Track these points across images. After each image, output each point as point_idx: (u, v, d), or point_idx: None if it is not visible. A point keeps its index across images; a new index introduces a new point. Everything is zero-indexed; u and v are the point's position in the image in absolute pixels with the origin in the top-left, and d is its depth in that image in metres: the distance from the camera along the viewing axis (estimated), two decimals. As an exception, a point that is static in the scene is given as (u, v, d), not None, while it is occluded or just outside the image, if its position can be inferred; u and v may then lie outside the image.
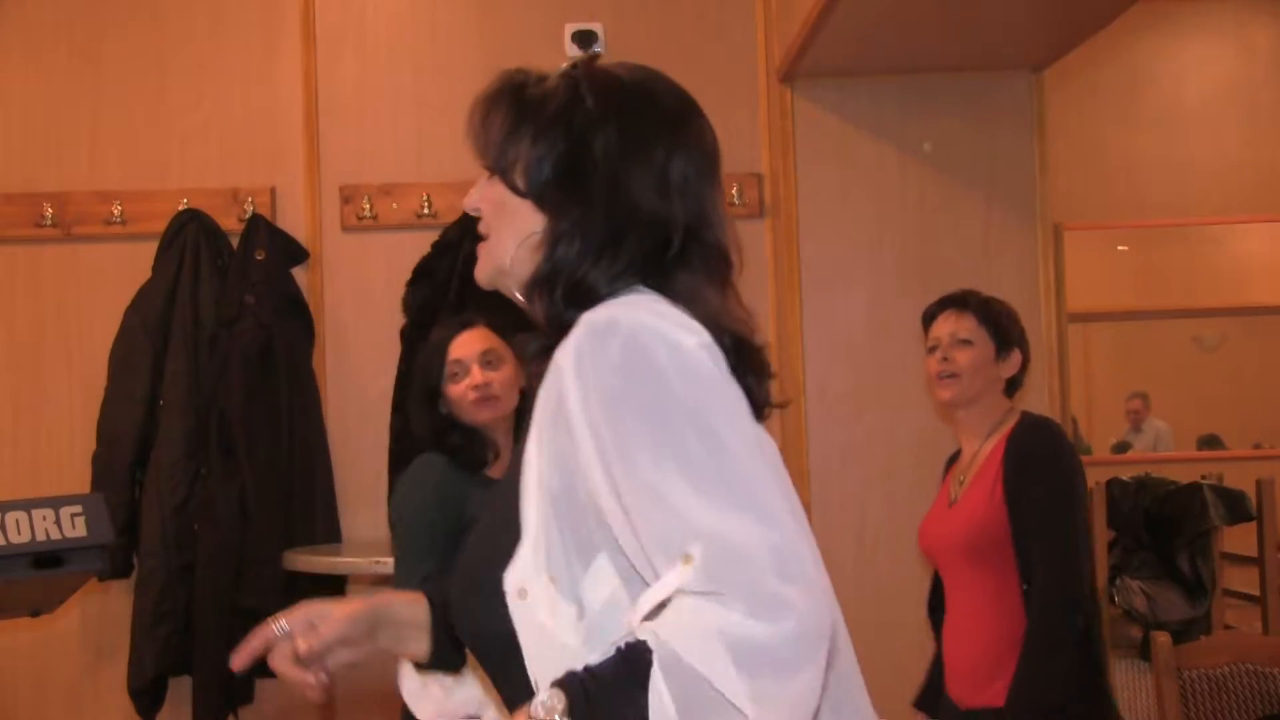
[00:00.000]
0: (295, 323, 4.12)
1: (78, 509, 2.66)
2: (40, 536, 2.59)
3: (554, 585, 1.31)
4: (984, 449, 2.80)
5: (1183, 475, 4.97)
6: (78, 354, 4.17)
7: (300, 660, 1.58)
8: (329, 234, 4.26)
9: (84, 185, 4.23)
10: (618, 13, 4.32)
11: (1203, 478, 4.97)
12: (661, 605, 1.21)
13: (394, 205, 4.24)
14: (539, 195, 1.41)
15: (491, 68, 4.47)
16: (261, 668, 1.57)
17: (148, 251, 4.13)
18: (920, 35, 3.85)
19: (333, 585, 4.04)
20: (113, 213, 4.20)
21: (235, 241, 4.14)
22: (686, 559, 1.19)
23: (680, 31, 4.32)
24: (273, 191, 4.25)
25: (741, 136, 4.29)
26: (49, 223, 4.20)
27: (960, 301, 2.86)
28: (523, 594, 1.32)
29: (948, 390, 2.81)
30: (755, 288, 4.27)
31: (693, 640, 1.17)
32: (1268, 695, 3.09)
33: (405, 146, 4.28)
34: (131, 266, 4.13)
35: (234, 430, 3.95)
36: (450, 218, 4.16)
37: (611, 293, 1.36)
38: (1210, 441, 6.70)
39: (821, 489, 4.13)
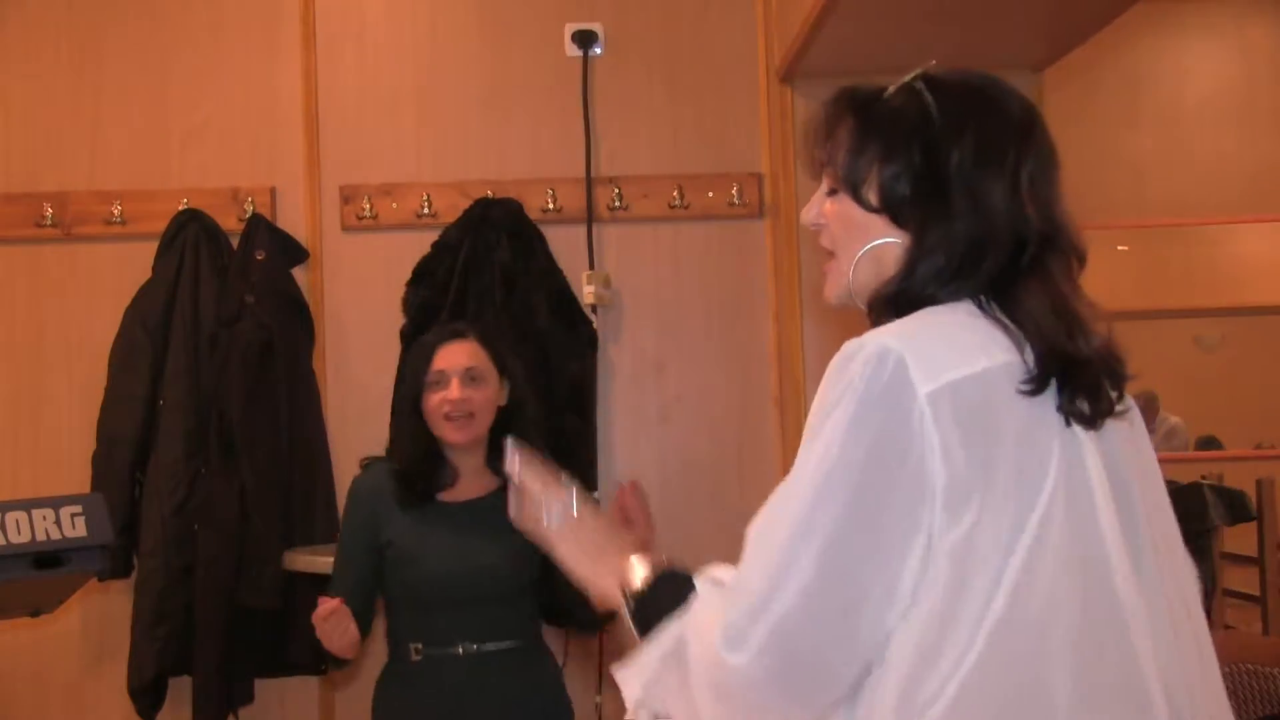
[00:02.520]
0: (295, 323, 4.12)
1: (78, 509, 2.66)
2: (40, 536, 2.59)
3: None
4: None
5: (1183, 475, 4.98)
6: (78, 354, 4.17)
7: None
8: (329, 234, 4.26)
9: (84, 185, 4.23)
10: (618, 13, 4.32)
11: (1203, 478, 4.98)
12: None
13: (394, 205, 4.24)
14: (895, 212, 1.43)
15: (492, 68, 4.48)
16: (261, 668, 1.61)
17: (148, 251, 4.13)
18: (920, 35, 3.85)
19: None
20: (113, 213, 4.20)
21: (235, 241, 4.14)
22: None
23: (680, 31, 4.32)
24: (273, 191, 4.25)
25: (741, 136, 4.29)
26: (49, 223, 4.20)
27: None
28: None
29: None
30: (754, 287, 4.28)
31: (702, 622, 1.37)
32: (1268, 695, 3.09)
33: (405, 146, 4.28)
34: (131, 266, 4.13)
35: (234, 430, 3.94)
36: (450, 218, 4.16)
37: (949, 302, 1.40)
38: (1208, 443, 6.69)
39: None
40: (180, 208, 4.16)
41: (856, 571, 1.29)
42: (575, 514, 1.64)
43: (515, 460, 1.70)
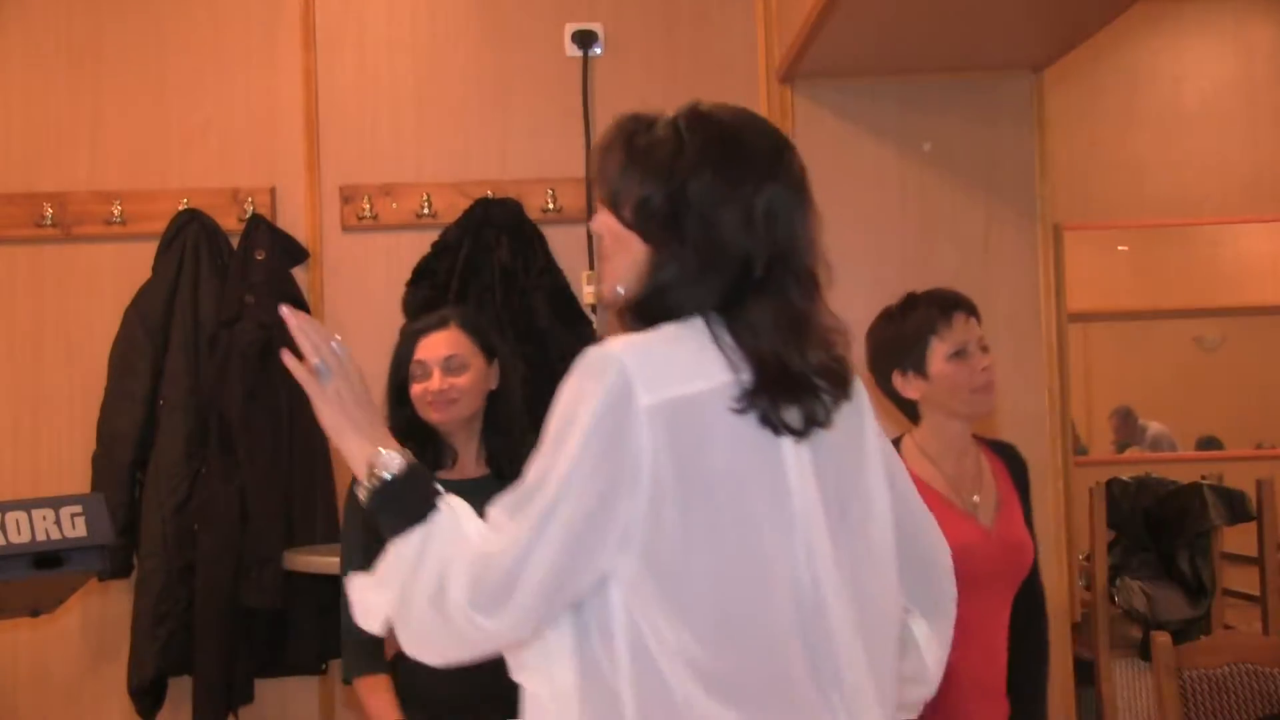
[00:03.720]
0: (295, 323, 4.11)
1: (78, 509, 2.66)
2: (40, 536, 2.60)
3: None
4: (985, 467, 2.67)
5: (1183, 475, 4.97)
6: (78, 354, 4.17)
7: None
8: (329, 234, 4.26)
9: (84, 185, 4.23)
10: (618, 13, 4.32)
11: (1203, 478, 4.97)
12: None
13: (394, 205, 4.24)
14: (644, 230, 1.62)
15: (492, 67, 4.47)
16: (261, 668, 1.69)
17: (148, 251, 4.13)
18: (920, 35, 3.85)
19: (332, 585, 4.04)
20: (113, 213, 4.20)
21: (235, 241, 4.14)
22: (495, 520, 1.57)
23: (680, 32, 4.32)
24: (273, 192, 4.25)
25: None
26: (49, 223, 4.20)
27: (969, 305, 2.67)
28: None
29: (989, 397, 2.63)
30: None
31: (455, 551, 1.56)
32: (1268, 695, 3.09)
33: (405, 147, 4.28)
34: (131, 266, 4.13)
35: (234, 430, 3.95)
36: (450, 218, 4.16)
37: (689, 315, 1.59)
38: (1209, 443, 6.70)
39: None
40: (180, 208, 4.16)
41: (589, 551, 1.51)
42: (345, 372, 1.77)
43: (287, 314, 1.79)
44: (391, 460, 1.68)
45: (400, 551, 1.60)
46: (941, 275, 4.11)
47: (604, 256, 1.69)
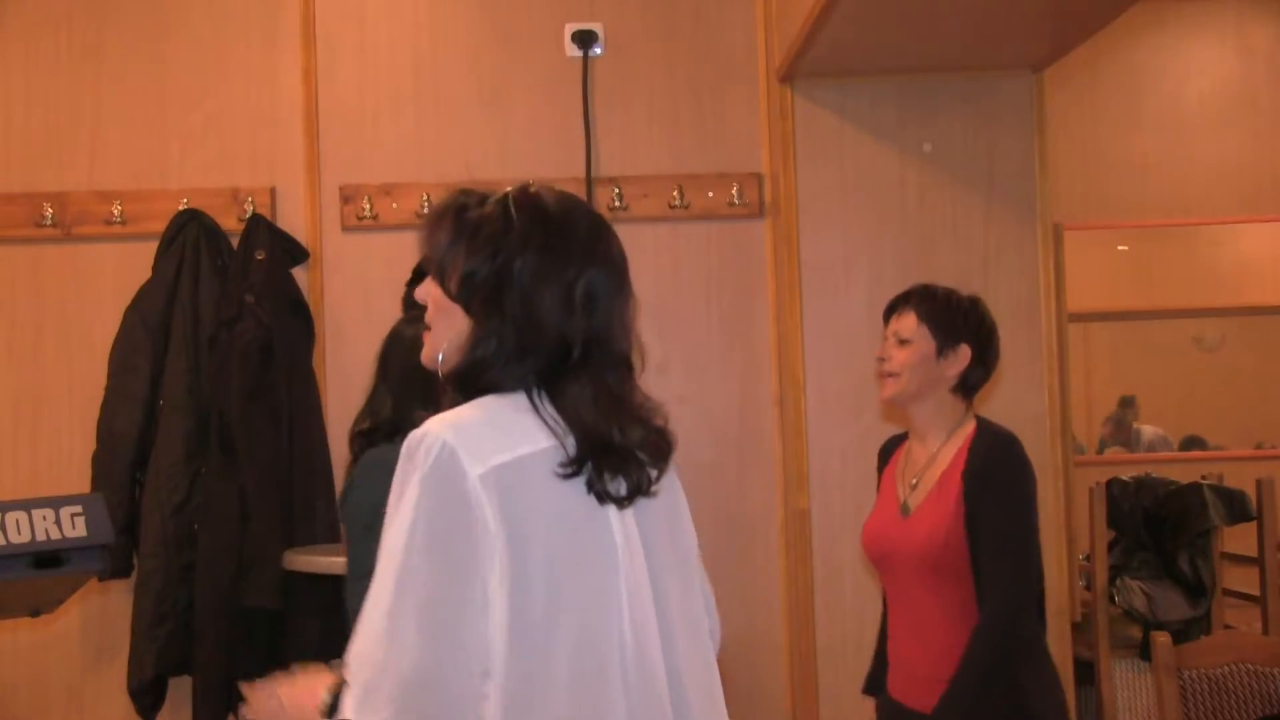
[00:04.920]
0: (295, 323, 4.12)
1: (78, 509, 2.66)
2: (40, 536, 2.59)
3: None
4: (941, 455, 2.76)
5: (1183, 475, 4.98)
6: (78, 354, 4.17)
7: None
8: (329, 234, 4.26)
9: (84, 185, 4.23)
10: (618, 13, 4.32)
11: (1203, 478, 4.97)
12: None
13: (394, 205, 4.24)
14: (466, 302, 1.65)
15: (492, 67, 4.47)
16: (261, 668, 1.68)
17: (148, 251, 4.13)
18: (920, 35, 3.85)
19: (332, 585, 4.04)
20: (113, 213, 4.20)
21: (235, 241, 4.14)
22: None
23: (680, 31, 4.32)
24: (273, 191, 4.25)
25: (741, 136, 4.30)
26: (49, 223, 4.20)
27: (905, 298, 2.86)
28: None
29: (886, 389, 2.84)
30: (755, 287, 4.28)
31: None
32: (1267, 695, 3.09)
33: (405, 146, 4.28)
34: (132, 266, 4.13)
35: (234, 430, 3.94)
36: (450, 218, 4.15)
37: (509, 390, 1.62)
38: (1193, 443, 6.71)
39: (821, 488, 4.12)
40: (180, 208, 4.16)
41: (450, 621, 1.50)
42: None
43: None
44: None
45: None
46: (941, 275, 4.11)
47: (429, 322, 1.70)
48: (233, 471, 3.94)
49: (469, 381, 1.64)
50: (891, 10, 3.61)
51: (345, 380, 4.18)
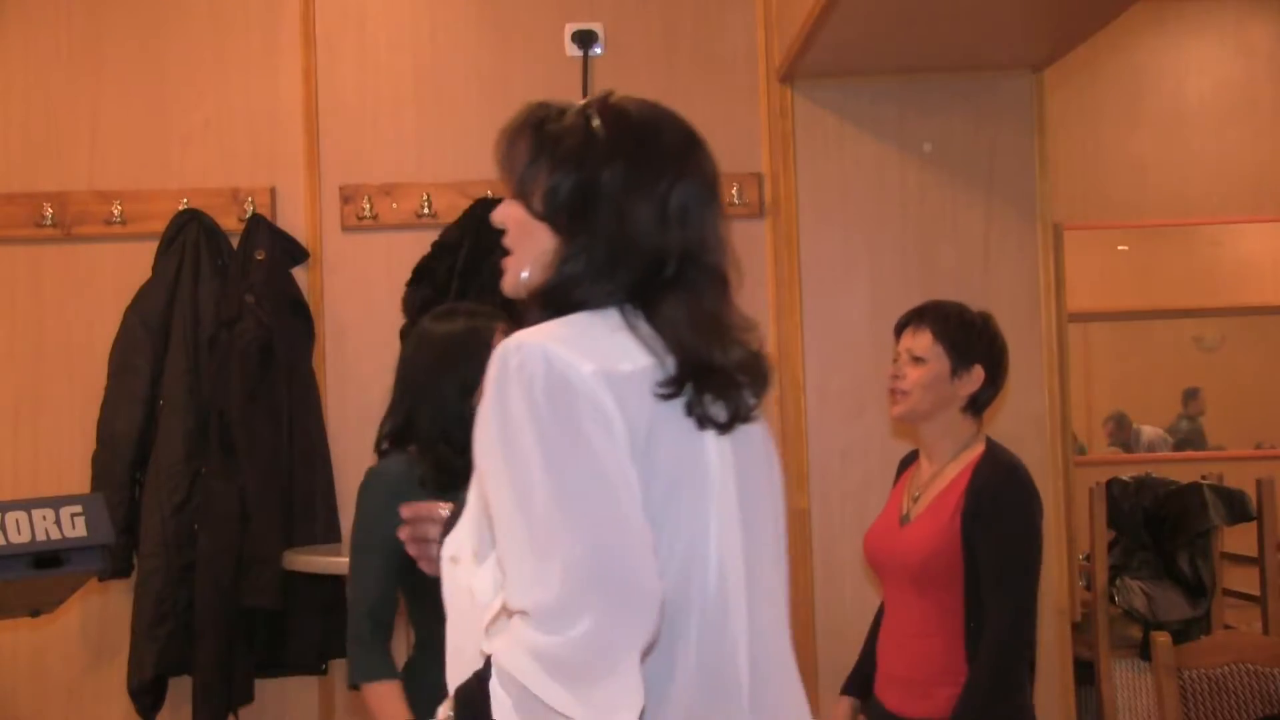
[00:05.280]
0: (295, 323, 4.12)
1: (78, 509, 2.66)
2: (41, 536, 2.60)
3: (476, 560, 1.55)
4: (946, 472, 2.78)
5: (1183, 475, 4.97)
6: (78, 354, 4.17)
7: None
8: (329, 234, 4.26)
9: (84, 185, 4.23)
10: (618, 12, 4.32)
11: (1203, 478, 4.97)
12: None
13: (394, 205, 4.24)
14: (552, 220, 1.57)
15: (492, 67, 4.46)
16: (261, 668, 1.65)
17: (148, 251, 4.13)
18: (920, 35, 3.85)
19: (332, 584, 4.04)
20: (113, 213, 4.20)
21: (235, 241, 4.14)
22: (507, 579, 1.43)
23: (680, 31, 4.32)
24: (273, 191, 4.25)
25: (741, 136, 4.29)
26: (49, 223, 4.20)
27: (919, 315, 2.84)
28: (454, 560, 1.59)
29: (896, 406, 2.84)
30: (755, 287, 4.27)
31: (512, 656, 1.38)
32: (1267, 695, 3.09)
33: (405, 146, 4.28)
34: (132, 266, 4.13)
35: (234, 430, 3.95)
36: (450, 218, 4.16)
37: (599, 307, 1.54)
38: (1186, 443, 6.71)
39: (821, 488, 4.13)
40: (180, 208, 4.16)
41: (615, 499, 1.41)
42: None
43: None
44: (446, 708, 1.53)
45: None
46: (942, 275, 4.13)
47: (510, 245, 1.64)
48: (232, 471, 3.94)
49: (557, 299, 1.55)
50: (892, 10, 3.61)
51: (345, 380, 4.18)
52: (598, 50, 4.31)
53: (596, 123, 1.60)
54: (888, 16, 3.65)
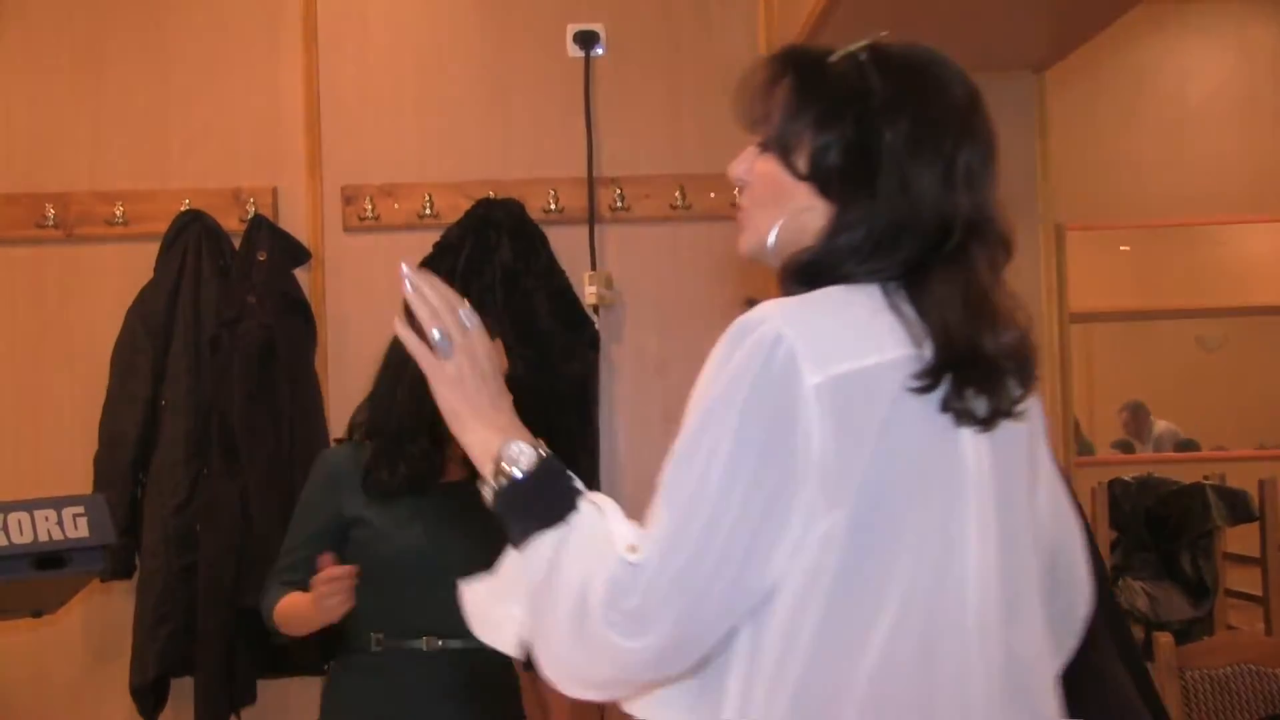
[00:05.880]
0: (297, 323, 4.12)
1: (80, 509, 2.66)
2: (43, 537, 2.59)
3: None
4: None
5: (1186, 475, 4.98)
6: (80, 355, 4.17)
7: None
8: (331, 234, 4.26)
9: (86, 186, 4.23)
10: (619, 13, 4.32)
11: (1205, 478, 4.97)
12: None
13: (396, 206, 4.25)
14: (822, 181, 1.41)
15: (493, 68, 4.46)
16: (263, 668, 1.61)
17: (150, 252, 4.13)
18: (921, 36, 3.84)
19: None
20: (115, 213, 4.20)
21: (237, 242, 4.14)
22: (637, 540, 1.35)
23: (681, 32, 4.32)
24: (274, 192, 4.25)
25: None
26: (51, 223, 4.20)
27: None
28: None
29: None
30: (757, 288, 4.27)
31: (596, 559, 1.34)
32: (1270, 695, 3.09)
33: (407, 147, 4.28)
34: (133, 267, 4.13)
35: (235, 431, 3.95)
36: (452, 218, 4.16)
37: (861, 282, 1.38)
38: (1186, 446, 6.70)
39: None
40: (182, 208, 4.16)
41: (750, 561, 1.30)
42: (470, 347, 1.50)
43: (406, 273, 1.59)
44: (522, 454, 1.43)
45: (531, 559, 1.38)
46: (943, 275, 4.13)
47: (752, 203, 1.49)
48: (234, 472, 3.94)
49: (821, 271, 1.39)
50: (893, 11, 3.60)
51: (347, 381, 4.18)
52: (599, 51, 4.31)
53: (873, 72, 1.43)
54: (889, 17, 3.62)
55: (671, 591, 1.29)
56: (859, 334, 1.34)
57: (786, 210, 1.44)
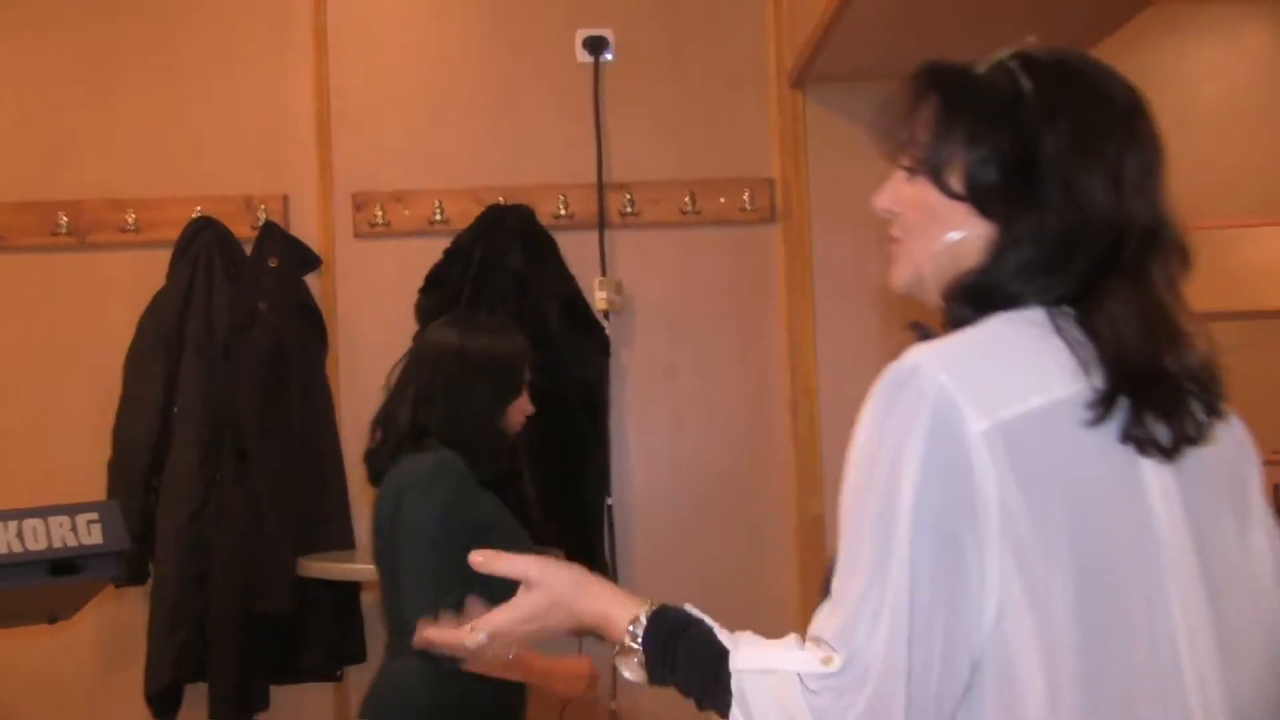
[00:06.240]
0: (308, 329, 4.13)
1: (94, 516, 2.67)
2: (57, 543, 2.60)
3: None
4: None
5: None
6: (93, 361, 4.18)
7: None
8: (341, 241, 4.27)
9: (98, 193, 4.24)
10: (628, 18, 4.33)
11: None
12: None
13: (406, 212, 4.25)
14: (982, 200, 1.32)
15: (503, 74, 4.47)
16: (277, 674, 1.61)
17: (162, 259, 4.14)
18: (933, 38, 3.84)
19: (346, 590, 4.05)
20: (126, 220, 4.21)
21: (248, 249, 4.16)
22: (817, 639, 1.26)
23: (690, 36, 4.33)
24: (285, 199, 4.26)
25: (752, 141, 4.30)
26: (63, 231, 4.22)
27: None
28: None
29: None
30: (767, 292, 4.28)
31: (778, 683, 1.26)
32: None
33: (417, 153, 4.29)
34: (145, 274, 4.14)
35: (247, 437, 3.96)
36: (462, 224, 4.16)
37: (1028, 304, 1.28)
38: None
39: (835, 493, 4.10)
40: (193, 215, 4.17)
41: (937, 609, 1.19)
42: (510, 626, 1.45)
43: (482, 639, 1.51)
44: (629, 615, 1.39)
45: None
46: (954, 279, 4.13)
47: (905, 234, 1.40)
48: (246, 478, 3.95)
49: (988, 294, 1.29)
50: (904, 13, 3.61)
51: (358, 386, 4.19)
52: (608, 56, 4.31)
53: (1024, 78, 1.34)
54: (900, 20, 3.64)
55: (885, 689, 1.19)
56: (1023, 372, 1.24)
57: (940, 235, 1.34)
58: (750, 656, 1.30)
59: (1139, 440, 1.23)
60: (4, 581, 2.58)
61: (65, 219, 4.21)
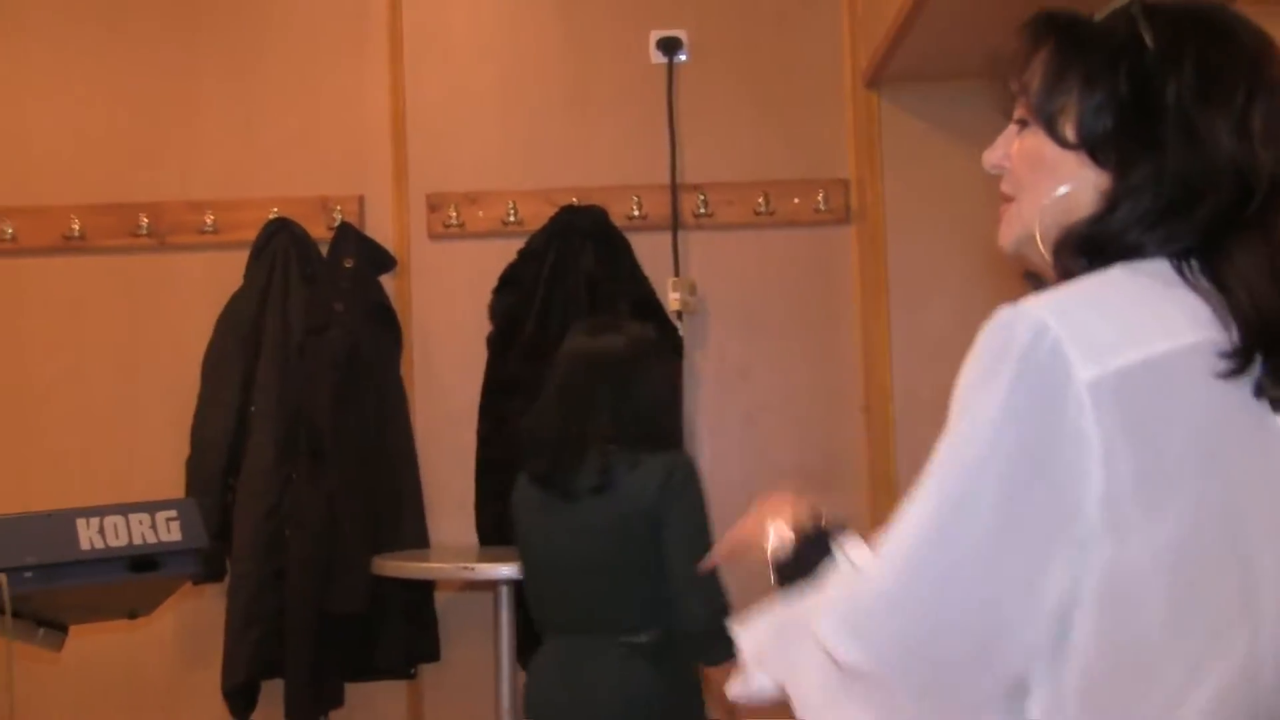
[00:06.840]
0: (383, 330, 4.15)
1: (173, 514, 2.70)
2: (137, 540, 2.64)
3: None
4: None
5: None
6: (172, 361, 4.23)
7: None
8: (416, 242, 4.29)
9: (177, 195, 4.30)
10: (701, 18, 4.31)
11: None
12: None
13: (480, 213, 4.27)
14: (1097, 147, 1.25)
15: (576, 75, 4.48)
16: (351, 671, 1.65)
17: (239, 260, 4.19)
18: (1007, 37, 3.80)
19: (420, 590, 4.07)
20: (205, 222, 4.26)
21: (324, 249, 4.19)
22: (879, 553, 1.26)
23: (764, 37, 4.31)
24: (361, 200, 4.29)
25: (827, 142, 4.27)
26: (144, 232, 4.28)
27: None
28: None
29: None
30: (841, 294, 4.25)
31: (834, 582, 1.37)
32: None
33: (491, 154, 4.31)
34: (223, 275, 4.19)
35: (323, 436, 3.98)
36: (535, 225, 4.17)
37: (1150, 255, 1.22)
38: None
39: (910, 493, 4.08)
40: (270, 216, 4.22)
41: (993, 578, 1.14)
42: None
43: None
44: (773, 538, 1.58)
45: (779, 609, 1.39)
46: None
47: (1014, 188, 1.33)
48: (321, 477, 3.98)
49: (1104, 244, 1.22)
50: (977, 14, 3.56)
51: (432, 386, 4.22)
52: (682, 57, 4.30)
53: (1144, 22, 1.25)
54: (973, 20, 3.60)
55: (894, 607, 1.17)
56: (1145, 317, 1.16)
57: (1053, 188, 1.27)
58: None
59: (1274, 400, 1.17)
60: (86, 577, 2.62)
61: (146, 220, 4.27)
